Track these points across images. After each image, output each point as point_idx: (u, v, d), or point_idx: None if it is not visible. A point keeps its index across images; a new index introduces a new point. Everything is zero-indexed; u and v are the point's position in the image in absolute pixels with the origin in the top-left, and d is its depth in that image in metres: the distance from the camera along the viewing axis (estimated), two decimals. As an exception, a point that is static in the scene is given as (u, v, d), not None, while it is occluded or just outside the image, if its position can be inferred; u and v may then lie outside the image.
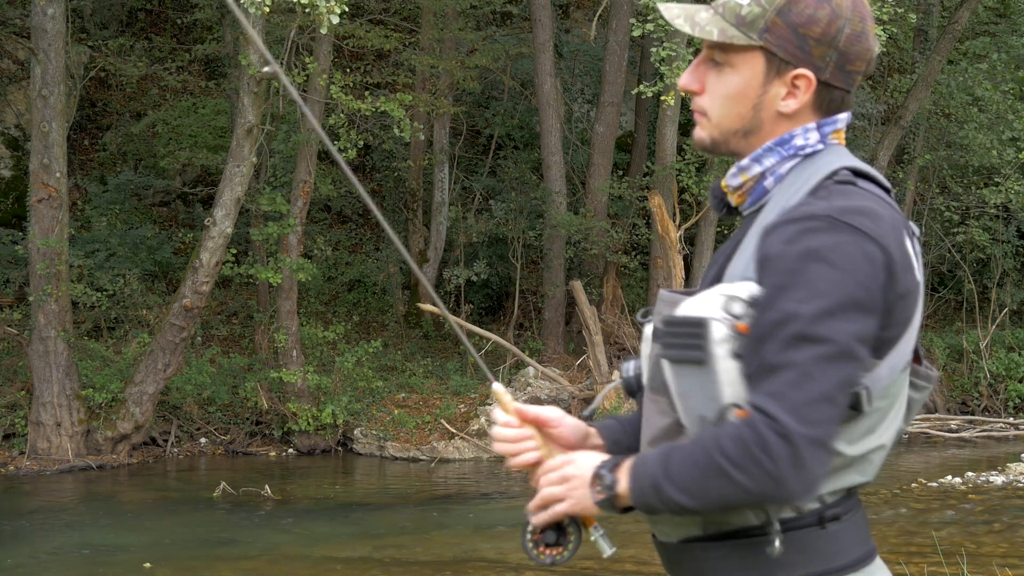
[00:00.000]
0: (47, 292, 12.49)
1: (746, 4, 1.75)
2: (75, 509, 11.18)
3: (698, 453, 1.62)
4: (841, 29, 1.73)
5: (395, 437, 13.96)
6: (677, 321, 1.67)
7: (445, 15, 16.19)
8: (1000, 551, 9.00)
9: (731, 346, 1.63)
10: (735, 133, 1.80)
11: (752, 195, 1.80)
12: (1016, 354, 17.07)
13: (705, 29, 1.76)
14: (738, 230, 1.83)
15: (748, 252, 1.71)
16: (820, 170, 1.74)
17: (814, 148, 1.77)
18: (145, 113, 17.57)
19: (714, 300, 1.65)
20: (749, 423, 1.59)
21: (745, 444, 1.58)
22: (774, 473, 1.57)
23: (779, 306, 1.61)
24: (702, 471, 1.61)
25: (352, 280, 17.17)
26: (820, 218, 1.63)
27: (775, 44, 1.74)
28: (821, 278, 1.60)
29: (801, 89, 1.75)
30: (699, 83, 1.82)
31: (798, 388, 1.58)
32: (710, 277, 1.82)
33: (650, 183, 15.41)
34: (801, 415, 1.57)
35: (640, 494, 1.69)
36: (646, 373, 1.83)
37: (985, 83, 16.31)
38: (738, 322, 1.63)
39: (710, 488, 1.61)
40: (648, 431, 1.81)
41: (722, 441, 1.60)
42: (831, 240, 1.61)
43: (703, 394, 1.65)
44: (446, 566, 8.90)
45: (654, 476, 1.66)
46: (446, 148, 17.22)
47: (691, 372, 1.66)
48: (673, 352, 1.68)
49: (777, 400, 1.58)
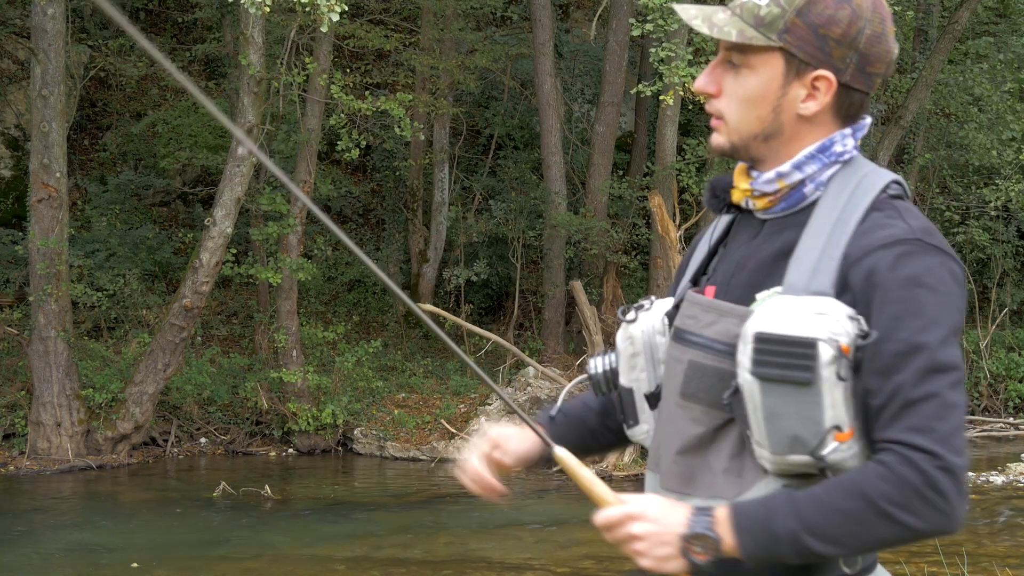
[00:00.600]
0: (47, 292, 12.49)
1: (764, 4, 1.73)
2: (75, 509, 11.18)
3: (848, 501, 1.59)
4: (862, 30, 1.72)
5: (395, 437, 13.96)
6: (780, 339, 1.62)
7: (445, 15, 16.19)
8: (1000, 551, 9.00)
9: (836, 368, 1.61)
10: (755, 137, 1.78)
11: (786, 200, 1.78)
12: (1016, 354, 17.07)
13: (723, 30, 1.74)
14: (768, 234, 1.80)
15: (809, 264, 1.69)
16: (871, 182, 1.74)
17: (851, 154, 1.78)
18: (145, 113, 17.56)
19: (814, 319, 1.62)
20: (910, 463, 1.58)
21: (912, 486, 1.57)
22: (946, 510, 1.58)
23: (900, 336, 1.61)
24: (857, 519, 1.59)
25: (352, 280, 17.17)
26: (910, 242, 1.65)
27: (795, 45, 1.72)
28: (931, 304, 1.62)
29: (821, 91, 1.74)
30: (716, 85, 1.80)
31: (942, 420, 1.59)
32: (738, 283, 1.79)
33: (650, 183, 15.41)
34: (951, 446, 1.58)
35: (759, 549, 1.64)
36: (678, 379, 1.79)
37: (985, 83, 16.30)
38: (843, 343, 1.62)
39: (867, 535, 1.60)
40: (678, 439, 1.79)
41: (879, 486, 1.58)
42: (926, 264, 1.64)
43: (801, 415, 1.63)
44: (446, 566, 8.90)
45: (789, 530, 1.61)
46: (446, 148, 17.22)
47: (789, 392, 1.63)
48: (771, 371, 1.63)
49: (928, 435, 1.58)
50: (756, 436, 1.68)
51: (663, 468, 1.84)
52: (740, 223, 1.88)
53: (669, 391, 1.83)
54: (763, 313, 1.66)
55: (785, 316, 1.64)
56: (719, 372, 1.74)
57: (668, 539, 1.66)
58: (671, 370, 1.82)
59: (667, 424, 1.82)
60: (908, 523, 1.58)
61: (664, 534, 1.67)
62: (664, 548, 1.67)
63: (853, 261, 1.66)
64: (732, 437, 1.76)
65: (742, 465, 1.74)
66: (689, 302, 1.82)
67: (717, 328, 1.76)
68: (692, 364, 1.77)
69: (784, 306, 1.65)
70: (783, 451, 1.65)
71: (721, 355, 1.74)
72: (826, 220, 1.72)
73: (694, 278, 1.91)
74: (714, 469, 1.76)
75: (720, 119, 1.80)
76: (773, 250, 1.77)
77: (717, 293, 1.83)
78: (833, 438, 1.62)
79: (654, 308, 1.94)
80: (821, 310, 1.63)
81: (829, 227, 1.71)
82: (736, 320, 1.73)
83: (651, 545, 1.67)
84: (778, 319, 1.64)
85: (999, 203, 16.98)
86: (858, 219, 1.70)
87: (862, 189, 1.73)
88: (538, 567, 8.83)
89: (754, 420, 1.67)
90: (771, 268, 1.76)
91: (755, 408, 1.66)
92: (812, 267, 1.69)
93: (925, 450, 1.57)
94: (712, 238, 1.93)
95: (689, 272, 1.93)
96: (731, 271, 1.82)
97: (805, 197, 1.77)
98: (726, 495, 1.73)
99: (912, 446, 1.58)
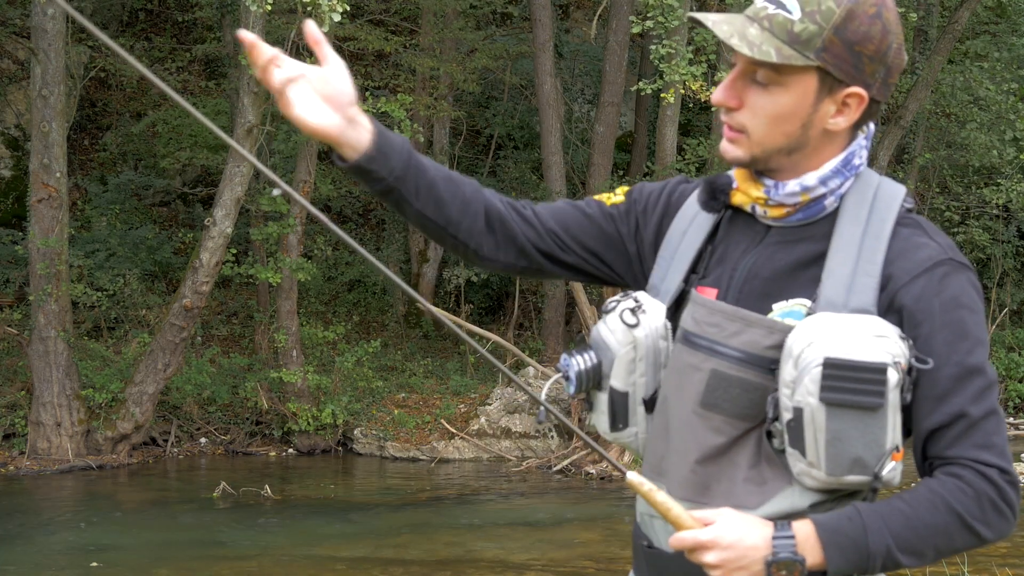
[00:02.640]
0: (47, 292, 12.49)
1: (798, 20, 1.68)
2: (75, 509, 11.18)
3: (935, 516, 1.66)
4: (891, 45, 1.72)
5: (395, 437, 13.96)
6: (852, 366, 1.62)
7: (445, 15, 16.19)
8: (1000, 551, 9.00)
9: (899, 390, 1.65)
10: (779, 151, 1.75)
11: (804, 211, 1.77)
12: (1016, 354, 17.07)
13: (761, 49, 1.69)
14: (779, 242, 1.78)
15: (843, 278, 1.70)
16: (888, 194, 1.76)
17: (864, 165, 1.79)
18: (145, 113, 17.56)
19: (878, 343, 1.64)
20: (986, 478, 1.67)
21: (991, 500, 1.66)
22: (1012, 519, 1.69)
23: (954, 360, 1.67)
24: (944, 532, 1.66)
25: (352, 280, 17.17)
26: (946, 263, 1.71)
27: (832, 63, 1.70)
28: (972, 324, 1.70)
29: (852, 107, 1.73)
30: (737, 99, 1.75)
31: (999, 434, 1.69)
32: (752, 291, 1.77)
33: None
34: (1008, 457, 1.69)
35: (849, 566, 1.67)
36: (697, 388, 1.76)
37: (986, 83, 16.30)
38: (901, 363, 1.65)
39: (948, 546, 1.68)
40: (696, 449, 1.77)
41: (966, 503, 1.66)
42: (961, 285, 1.71)
43: (865, 438, 1.64)
44: (446, 566, 8.90)
45: (884, 547, 1.66)
46: (446, 148, 17.22)
47: (857, 416, 1.63)
48: (842, 396, 1.62)
49: (992, 450, 1.67)
50: (811, 458, 1.66)
51: (674, 477, 1.80)
52: (735, 223, 1.85)
53: (684, 399, 1.79)
54: (820, 335, 1.64)
55: (849, 340, 1.63)
56: (743, 383, 1.73)
57: (749, 564, 1.65)
58: (687, 377, 1.78)
59: (681, 433, 1.79)
60: (983, 535, 1.68)
61: (744, 560, 1.65)
62: (744, 573, 1.65)
63: (902, 284, 1.69)
64: (751, 446, 1.75)
65: (762, 474, 1.73)
66: (707, 308, 1.78)
67: (743, 338, 1.73)
68: (715, 374, 1.74)
69: (840, 327, 1.65)
70: (842, 472, 1.66)
71: (746, 366, 1.72)
72: (853, 234, 1.72)
73: (686, 277, 1.86)
74: (734, 478, 1.74)
75: (740, 132, 1.76)
76: (791, 260, 1.76)
77: (720, 297, 1.79)
78: (891, 458, 1.66)
79: (650, 309, 1.86)
80: (880, 332, 1.65)
81: (857, 241, 1.72)
82: (764, 331, 1.71)
83: (729, 571, 1.65)
84: (843, 344, 1.63)
85: (999, 202, 16.97)
86: (888, 235, 1.72)
87: (882, 202, 1.75)
88: (538, 567, 8.83)
89: (812, 443, 1.65)
90: (789, 279, 1.75)
91: (817, 431, 1.65)
92: (847, 283, 1.70)
93: (995, 465, 1.67)
94: (697, 232, 1.87)
95: (678, 269, 1.87)
96: (741, 277, 1.79)
97: (824, 209, 1.76)
98: (747, 504, 1.72)
99: (984, 462, 1.67)
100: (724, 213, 1.86)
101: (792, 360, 1.66)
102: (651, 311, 1.85)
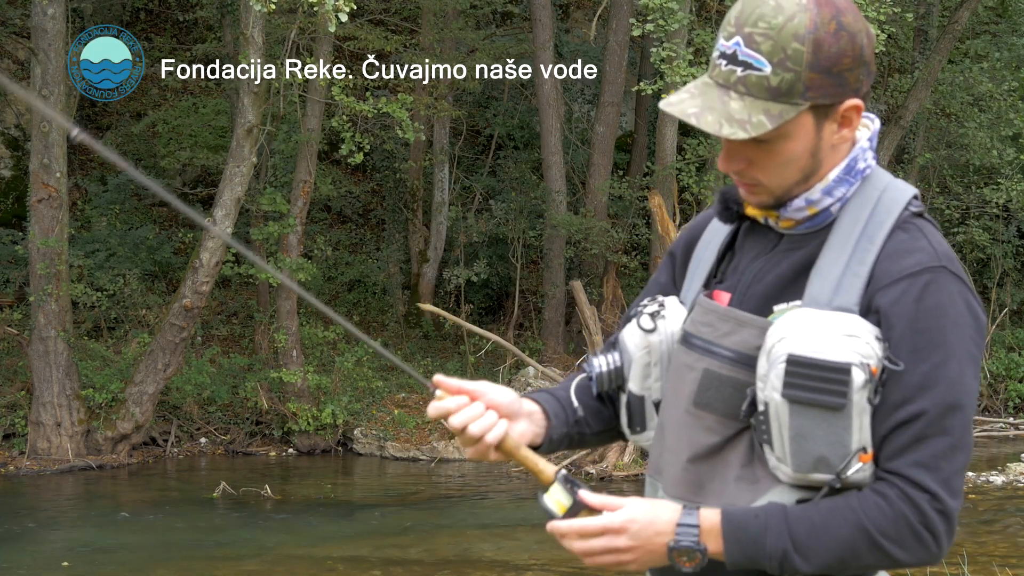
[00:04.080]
0: (47, 292, 12.49)
1: (771, 74, 1.66)
2: (75, 509, 11.18)
3: (843, 529, 1.62)
4: (862, 44, 1.70)
5: (395, 437, 13.96)
6: (815, 364, 1.61)
7: (445, 15, 16.18)
8: (1000, 551, 9.00)
9: (867, 392, 1.62)
10: (797, 184, 1.75)
11: (813, 220, 1.77)
12: (1016, 354, 17.07)
13: (753, 123, 1.67)
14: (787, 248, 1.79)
15: (832, 278, 1.69)
16: (892, 198, 1.75)
17: (871, 167, 1.78)
18: (145, 113, 17.56)
19: (846, 342, 1.62)
20: (909, 501, 1.60)
21: (909, 523, 1.61)
22: (934, 549, 1.62)
23: (920, 369, 1.62)
24: (849, 547, 1.62)
25: (352, 280, 17.17)
26: (935, 270, 1.67)
27: (820, 96, 1.69)
28: (953, 336, 1.65)
29: (852, 117, 1.73)
30: (742, 162, 1.75)
31: (948, 460, 1.61)
32: (755, 293, 1.78)
33: (650, 183, 15.41)
34: (952, 488, 1.61)
35: (746, 561, 1.66)
36: (690, 387, 1.77)
37: (986, 82, 16.30)
38: (872, 365, 1.62)
39: (854, 561, 1.63)
40: (688, 448, 1.78)
41: (878, 521, 1.61)
42: (947, 294, 1.65)
43: (829, 438, 1.63)
44: (446, 566, 8.90)
45: (780, 549, 1.63)
46: (446, 148, 17.21)
47: (820, 415, 1.62)
48: (803, 394, 1.62)
49: (932, 473, 1.61)
50: (778, 453, 1.67)
51: (668, 476, 1.82)
52: (752, 231, 1.86)
53: (677, 398, 1.80)
54: (791, 332, 1.65)
55: (816, 338, 1.63)
56: (735, 382, 1.73)
57: (648, 550, 1.68)
58: (681, 377, 1.80)
59: (675, 432, 1.80)
60: (895, 556, 1.62)
61: (646, 547, 1.68)
62: (646, 555, 1.69)
63: (882, 286, 1.67)
64: (743, 445, 1.75)
65: (754, 473, 1.73)
66: (704, 309, 1.80)
67: (736, 338, 1.74)
68: (708, 373, 1.75)
69: (812, 324, 1.64)
70: (806, 470, 1.65)
71: (738, 365, 1.73)
72: (849, 235, 1.72)
73: (705, 282, 1.89)
74: (726, 477, 1.75)
75: (755, 185, 1.76)
76: (793, 264, 1.76)
77: (732, 301, 1.81)
78: (858, 459, 1.63)
79: (670, 314, 1.89)
80: (851, 331, 1.63)
81: (852, 243, 1.71)
82: (756, 331, 1.72)
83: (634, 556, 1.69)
84: (810, 341, 1.63)
85: (999, 202, 16.97)
86: (883, 237, 1.70)
87: (884, 206, 1.74)
88: (538, 567, 8.83)
89: (778, 438, 1.66)
90: (790, 281, 1.75)
91: (781, 428, 1.65)
92: (835, 282, 1.69)
93: (927, 489, 1.60)
94: (719, 242, 1.91)
95: (699, 276, 1.90)
96: (748, 281, 1.80)
97: (831, 215, 1.77)
98: (740, 502, 1.72)
99: (915, 483, 1.61)
100: (743, 223, 1.88)
101: (766, 354, 1.67)
102: (671, 316, 1.88)
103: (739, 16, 1.70)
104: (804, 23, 1.65)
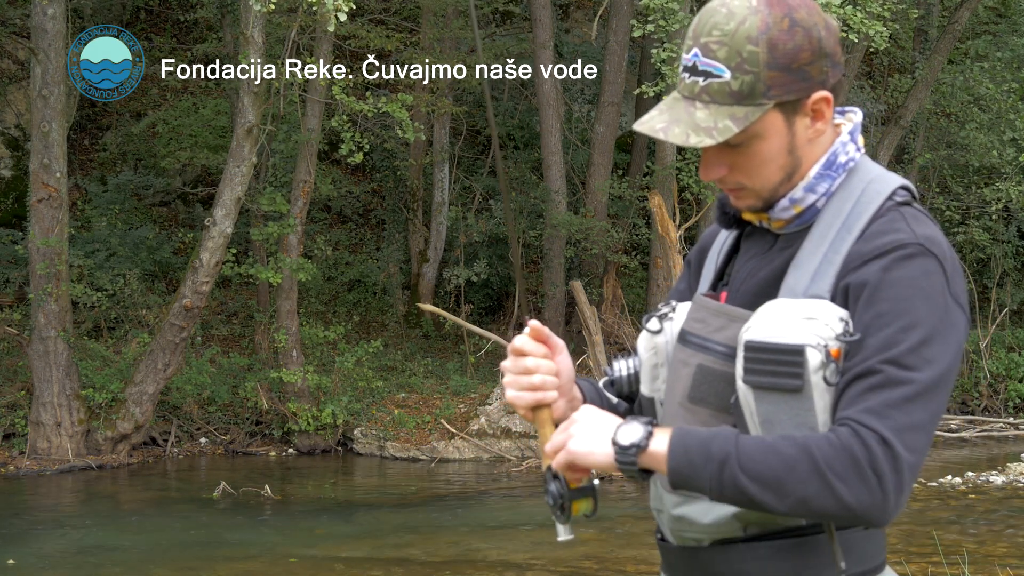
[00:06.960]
0: (47, 292, 12.49)
1: (731, 78, 1.70)
2: (75, 509, 11.18)
3: (789, 450, 1.58)
4: (819, 36, 1.72)
5: (395, 437, 13.96)
6: (769, 348, 1.63)
7: (445, 14, 16.18)
8: (1000, 551, 9.01)
9: (825, 372, 1.61)
10: (781, 183, 1.78)
11: (800, 218, 1.80)
12: (1016, 354, 17.07)
13: (719, 129, 1.70)
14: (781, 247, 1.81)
15: (809, 269, 1.71)
16: (876, 189, 1.75)
17: (855, 161, 1.79)
18: (145, 113, 17.57)
19: (803, 325, 1.63)
20: (860, 439, 1.56)
21: (854, 458, 1.55)
22: (879, 494, 1.55)
23: (882, 334, 1.61)
24: (791, 469, 1.57)
25: (352, 280, 17.17)
26: (911, 246, 1.65)
27: (783, 93, 1.71)
28: (923, 309, 1.62)
29: (823, 109, 1.75)
30: (722, 169, 1.78)
31: (902, 411, 1.58)
32: (747, 290, 1.80)
33: (650, 183, 15.41)
34: (905, 440, 1.57)
35: (687, 463, 1.63)
36: (685, 383, 1.79)
37: (986, 82, 16.30)
38: (832, 347, 1.62)
39: (794, 488, 1.57)
40: None
41: (824, 449, 1.57)
42: (922, 268, 1.64)
43: (794, 420, 1.63)
44: (446, 566, 8.89)
45: (723, 452, 1.61)
46: (446, 148, 17.22)
47: (782, 399, 1.63)
48: (762, 379, 1.64)
49: (883, 420, 1.57)
50: None
51: None
52: (752, 234, 1.90)
53: (673, 394, 1.82)
54: (755, 320, 1.67)
55: (774, 323, 1.64)
56: (727, 377, 1.74)
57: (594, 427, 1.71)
58: (677, 373, 1.82)
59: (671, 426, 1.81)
60: (838, 491, 1.55)
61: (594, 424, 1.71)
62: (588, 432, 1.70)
63: (852, 267, 1.67)
64: None
65: None
66: (698, 306, 1.83)
67: (726, 333, 1.76)
68: (701, 368, 1.77)
69: (775, 312, 1.66)
70: None
71: (730, 360, 1.74)
72: (829, 227, 1.74)
73: (712, 285, 1.93)
74: None
75: (740, 189, 1.80)
76: (784, 261, 1.78)
77: (727, 300, 1.84)
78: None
79: (677, 316, 1.90)
80: (810, 314, 1.64)
81: (832, 234, 1.73)
82: (744, 325, 1.74)
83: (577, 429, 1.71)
84: (767, 326, 1.65)
85: (1000, 204, 16.97)
86: (862, 226, 1.71)
87: (867, 197, 1.75)
88: (538, 567, 8.83)
89: (751, 426, 1.68)
90: (778, 278, 1.77)
91: (751, 414, 1.67)
92: (812, 273, 1.71)
93: (878, 432, 1.56)
94: (724, 246, 1.95)
95: (706, 280, 1.94)
96: (741, 279, 1.84)
97: (817, 211, 1.79)
98: None
99: (866, 425, 1.57)
100: (745, 227, 1.91)
101: (740, 346, 1.69)
102: (678, 318, 1.90)
103: (695, 28, 1.74)
104: (756, 25, 1.68)
